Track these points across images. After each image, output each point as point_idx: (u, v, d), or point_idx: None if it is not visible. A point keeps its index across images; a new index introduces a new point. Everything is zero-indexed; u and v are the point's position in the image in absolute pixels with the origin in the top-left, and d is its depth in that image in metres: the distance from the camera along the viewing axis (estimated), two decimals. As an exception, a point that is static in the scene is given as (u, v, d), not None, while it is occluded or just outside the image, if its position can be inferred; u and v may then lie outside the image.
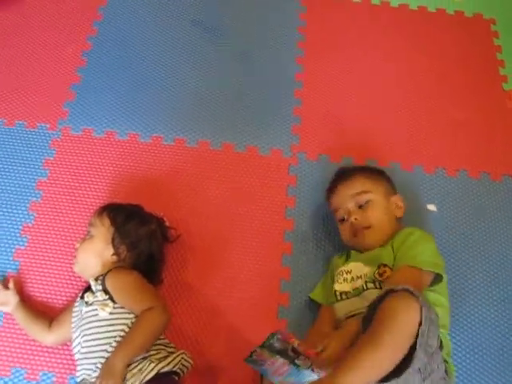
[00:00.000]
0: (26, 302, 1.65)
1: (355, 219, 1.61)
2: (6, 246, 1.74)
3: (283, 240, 1.76)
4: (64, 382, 1.57)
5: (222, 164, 1.87)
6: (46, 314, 1.64)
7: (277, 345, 1.34)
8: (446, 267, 1.53)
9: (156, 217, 1.69)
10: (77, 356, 1.52)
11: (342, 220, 1.65)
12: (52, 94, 1.98)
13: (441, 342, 1.35)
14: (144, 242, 1.62)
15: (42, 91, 1.99)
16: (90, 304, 1.51)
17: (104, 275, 1.54)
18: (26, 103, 1.97)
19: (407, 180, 1.86)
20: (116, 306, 1.49)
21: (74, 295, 1.67)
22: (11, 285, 1.66)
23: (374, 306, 1.29)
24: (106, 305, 1.49)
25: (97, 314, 1.49)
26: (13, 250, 1.73)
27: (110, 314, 1.49)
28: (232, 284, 1.70)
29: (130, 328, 1.46)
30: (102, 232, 1.61)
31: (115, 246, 1.60)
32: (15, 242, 1.74)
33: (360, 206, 1.62)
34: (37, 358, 1.60)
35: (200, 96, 2.00)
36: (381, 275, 1.51)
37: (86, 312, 1.51)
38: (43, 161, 1.86)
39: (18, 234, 1.75)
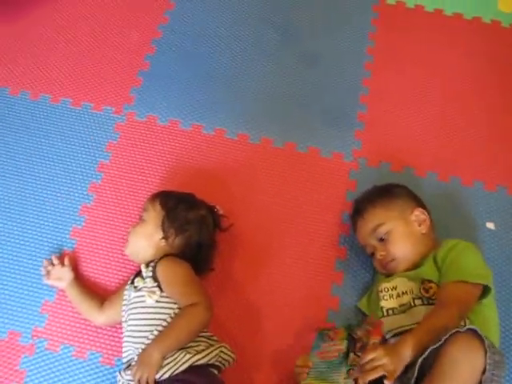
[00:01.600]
0: (80, 280, 1.68)
1: (380, 255, 1.60)
2: (64, 224, 1.76)
3: (338, 244, 1.75)
4: (110, 363, 1.59)
5: (282, 163, 1.87)
6: (99, 294, 1.66)
7: (359, 332, 1.34)
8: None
9: (207, 204, 1.69)
10: (124, 338, 1.53)
11: (372, 254, 1.64)
12: (119, 79, 2.01)
13: None
14: (193, 226, 1.62)
15: (110, 75, 2.02)
16: (139, 289, 1.52)
17: (156, 262, 1.55)
18: (94, 86, 1.99)
19: (467, 195, 1.83)
20: (163, 294, 1.50)
21: (126, 278, 1.68)
22: (67, 261, 1.69)
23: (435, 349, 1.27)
24: (154, 292, 1.50)
25: (144, 301, 1.50)
26: (70, 229, 1.76)
27: (157, 301, 1.50)
28: (280, 284, 1.69)
29: (172, 318, 1.47)
30: (153, 216, 1.63)
31: (164, 229, 1.60)
32: (73, 221, 1.77)
33: (382, 239, 1.60)
34: (85, 336, 1.62)
35: (266, 94, 2.00)
36: (427, 291, 1.49)
37: (135, 297, 1.53)
38: (107, 144, 1.88)
39: (76, 214, 1.78)
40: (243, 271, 1.72)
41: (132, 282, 1.59)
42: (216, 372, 1.47)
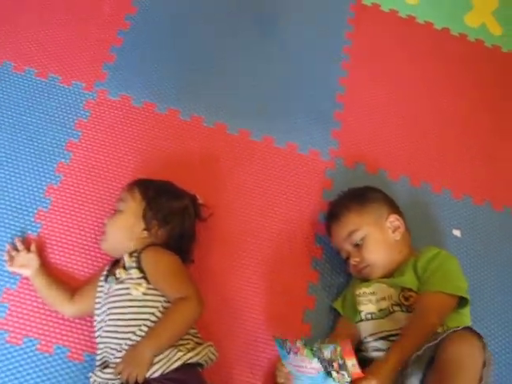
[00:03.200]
0: (46, 268, 1.55)
1: (354, 261, 1.61)
2: (29, 206, 1.62)
3: (314, 243, 1.73)
4: (79, 358, 1.49)
5: (259, 156, 1.83)
6: (66, 283, 1.54)
7: (327, 353, 1.30)
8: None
9: (189, 193, 1.62)
10: (99, 333, 1.44)
11: (347, 259, 1.65)
12: (90, 53, 1.86)
13: None
14: (177, 217, 1.55)
15: (80, 48, 1.86)
16: (122, 281, 1.43)
17: (140, 252, 1.46)
18: (61, 58, 1.84)
19: (436, 202, 1.87)
20: (150, 286, 1.42)
21: (96, 268, 1.59)
22: (33, 247, 1.56)
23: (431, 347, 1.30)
24: (140, 284, 1.42)
25: (128, 294, 1.41)
26: (35, 211, 1.62)
27: (143, 294, 1.41)
28: (255, 280, 1.66)
29: (160, 312, 1.39)
30: (133, 207, 1.53)
31: (147, 220, 1.51)
32: (38, 203, 1.63)
33: (356, 245, 1.61)
34: (51, 329, 1.51)
35: (245, 85, 1.93)
36: (406, 299, 1.51)
37: (117, 289, 1.43)
38: (76, 121, 1.75)
39: (41, 195, 1.64)
40: (220, 264, 1.66)
41: (109, 273, 1.49)
42: (200, 370, 1.42)
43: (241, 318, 1.62)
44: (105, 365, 1.40)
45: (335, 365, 1.30)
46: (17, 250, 1.55)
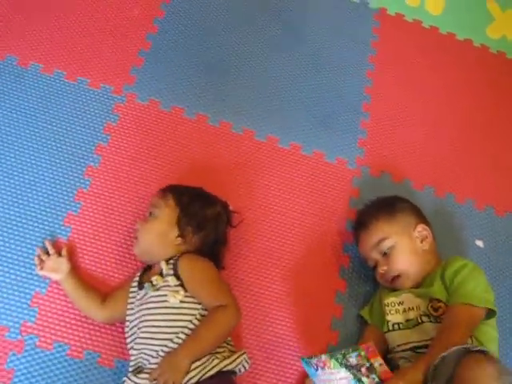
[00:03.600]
0: (77, 272, 1.54)
1: (382, 270, 1.61)
2: (59, 209, 1.62)
3: (342, 251, 1.74)
4: (110, 365, 1.48)
5: (287, 163, 1.82)
6: (96, 288, 1.54)
7: (352, 360, 1.29)
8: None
9: (221, 200, 1.61)
10: (132, 339, 1.44)
11: (374, 267, 1.65)
12: (118, 57, 1.85)
13: None
14: (210, 224, 1.55)
15: (108, 52, 1.86)
16: (158, 288, 1.43)
17: (176, 259, 1.46)
18: (90, 61, 1.83)
19: (459, 212, 1.88)
20: (187, 294, 1.42)
21: (126, 273, 1.58)
22: (64, 251, 1.55)
23: (444, 359, 1.29)
24: (177, 292, 1.41)
25: (165, 301, 1.41)
26: (65, 215, 1.61)
27: (181, 302, 1.41)
28: (283, 290, 1.66)
29: (198, 320, 1.39)
30: (167, 213, 1.52)
31: (181, 226, 1.51)
32: (68, 207, 1.62)
33: (384, 254, 1.61)
34: (81, 334, 1.50)
35: (271, 91, 1.93)
36: (436, 310, 1.51)
37: (153, 296, 1.42)
38: (105, 125, 1.74)
39: (71, 199, 1.63)
40: (248, 271, 1.66)
41: (141, 279, 1.49)
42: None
43: (269, 326, 1.61)
44: (138, 370, 1.39)
45: (363, 370, 1.30)
46: (47, 253, 1.54)
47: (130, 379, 1.37)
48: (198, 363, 1.33)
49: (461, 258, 1.62)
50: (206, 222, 1.53)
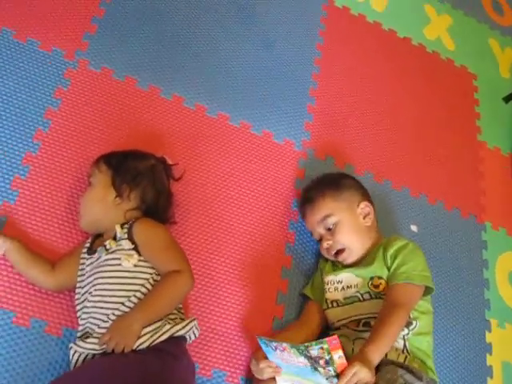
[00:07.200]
0: (22, 241, 1.46)
1: (327, 244, 1.68)
2: (5, 172, 1.54)
3: (288, 229, 1.78)
4: (58, 333, 1.43)
5: (237, 141, 1.85)
6: (44, 255, 1.47)
7: (314, 352, 1.32)
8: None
9: (155, 155, 1.60)
10: (83, 305, 1.40)
11: (319, 240, 1.72)
12: (71, 22, 1.79)
13: None
14: (146, 177, 1.53)
15: (61, 16, 1.79)
16: (112, 251, 1.40)
17: (131, 223, 1.44)
18: (41, 23, 1.76)
19: (396, 198, 1.99)
20: (141, 258, 1.40)
21: (76, 240, 1.53)
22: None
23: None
24: (131, 256, 1.40)
25: (119, 264, 1.39)
26: (11, 178, 1.54)
27: (135, 265, 1.39)
28: (235, 252, 1.68)
29: (150, 284, 1.39)
30: (101, 178, 1.51)
31: (116, 186, 1.49)
32: (15, 170, 1.55)
33: (329, 229, 1.68)
34: (28, 301, 1.44)
35: (225, 68, 1.95)
36: (376, 287, 1.59)
37: (107, 260, 1.40)
38: (56, 89, 1.68)
39: (19, 162, 1.56)
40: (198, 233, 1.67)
41: (93, 245, 1.46)
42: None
43: (216, 294, 1.62)
44: (87, 335, 1.36)
45: (322, 362, 1.33)
46: (-14, 231, 1.47)
47: (76, 345, 1.33)
48: (149, 328, 1.32)
49: (401, 237, 1.70)
50: (140, 175, 1.51)
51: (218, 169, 1.79)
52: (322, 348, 1.30)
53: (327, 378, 1.35)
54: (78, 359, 1.34)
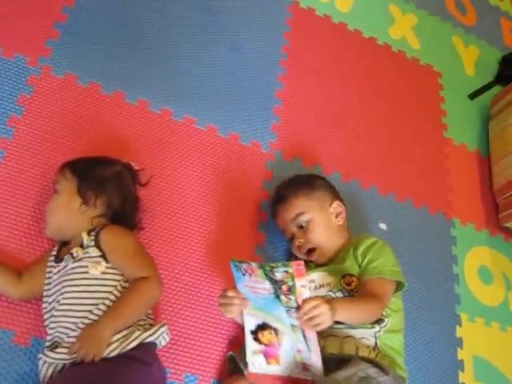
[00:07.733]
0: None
1: (299, 242, 1.69)
2: (-31, 179, 1.53)
3: (257, 230, 1.79)
4: (26, 343, 1.42)
5: (204, 145, 1.84)
6: (9, 264, 1.46)
7: (278, 274, 1.31)
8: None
9: (121, 161, 1.59)
10: (51, 314, 1.39)
11: (291, 239, 1.73)
12: (33, 28, 1.78)
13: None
14: (111, 183, 1.52)
15: (23, 23, 1.77)
16: (79, 259, 1.40)
17: (98, 230, 1.43)
18: (3, 30, 1.73)
19: (364, 197, 2.01)
20: (108, 265, 1.40)
21: (42, 249, 1.52)
22: None
23: None
24: (99, 263, 1.39)
25: (86, 272, 1.38)
26: (-25, 184, 1.53)
27: (102, 273, 1.39)
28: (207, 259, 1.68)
29: (119, 291, 1.38)
30: (66, 185, 1.50)
31: (82, 193, 1.48)
32: (-19, 174, 1.54)
33: (301, 227, 1.70)
34: (-6, 313, 1.43)
35: (190, 72, 1.94)
36: (348, 284, 1.60)
37: (74, 268, 1.39)
38: (19, 96, 1.67)
39: (-17, 170, 1.55)
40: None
41: (59, 253, 1.45)
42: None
43: (186, 298, 1.61)
44: (55, 345, 1.35)
45: (284, 287, 1.32)
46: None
47: (45, 355, 1.32)
48: (118, 335, 1.31)
49: (370, 236, 1.72)
50: (105, 182, 1.51)
51: (185, 173, 1.79)
52: (286, 272, 1.30)
53: (288, 311, 1.35)
54: (47, 370, 1.32)
